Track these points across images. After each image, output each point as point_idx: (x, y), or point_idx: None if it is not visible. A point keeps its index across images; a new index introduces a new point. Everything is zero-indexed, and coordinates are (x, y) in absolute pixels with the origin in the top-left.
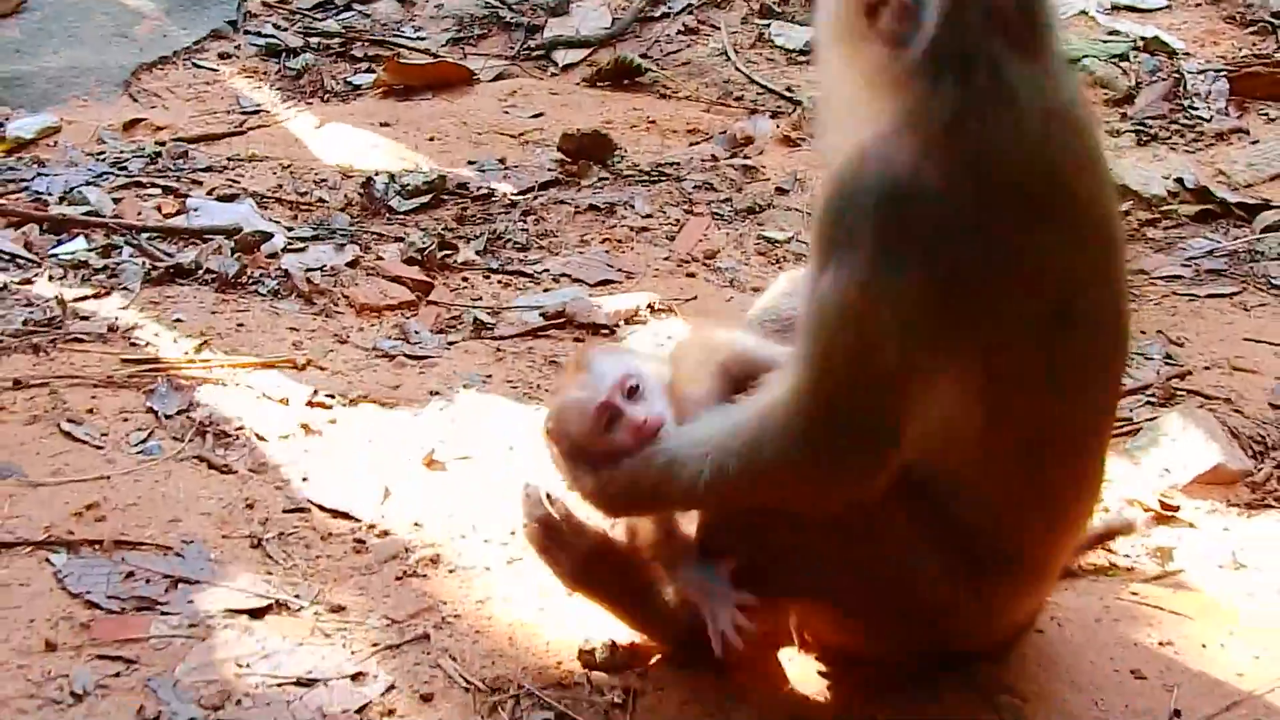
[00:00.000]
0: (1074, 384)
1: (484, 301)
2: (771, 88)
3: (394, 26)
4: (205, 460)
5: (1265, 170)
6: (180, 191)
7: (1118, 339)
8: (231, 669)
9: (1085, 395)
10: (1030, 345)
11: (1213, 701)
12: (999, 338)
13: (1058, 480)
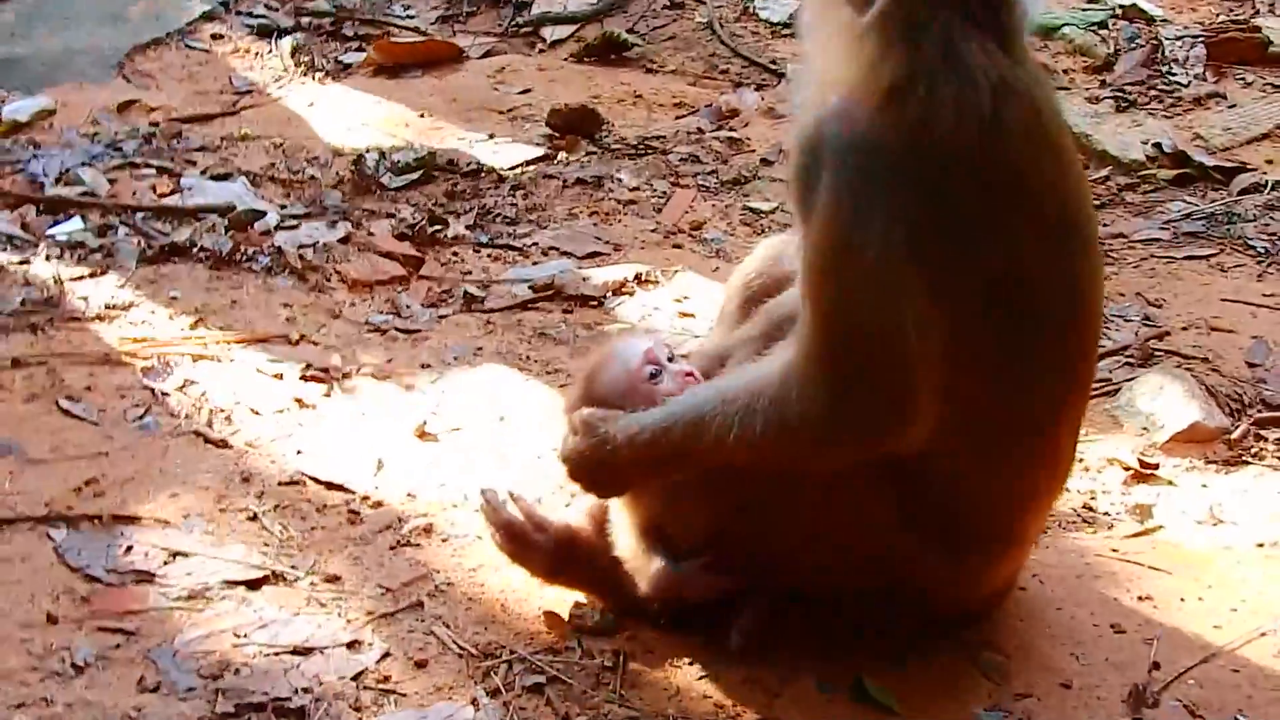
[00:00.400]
0: (1029, 361)
1: (474, 275)
2: (756, 60)
3: (384, 5)
4: (202, 435)
5: (1242, 134)
6: (174, 171)
7: (1080, 318)
8: (229, 639)
9: (1044, 373)
10: (978, 320)
11: (1191, 654)
12: (950, 306)
13: (1025, 454)
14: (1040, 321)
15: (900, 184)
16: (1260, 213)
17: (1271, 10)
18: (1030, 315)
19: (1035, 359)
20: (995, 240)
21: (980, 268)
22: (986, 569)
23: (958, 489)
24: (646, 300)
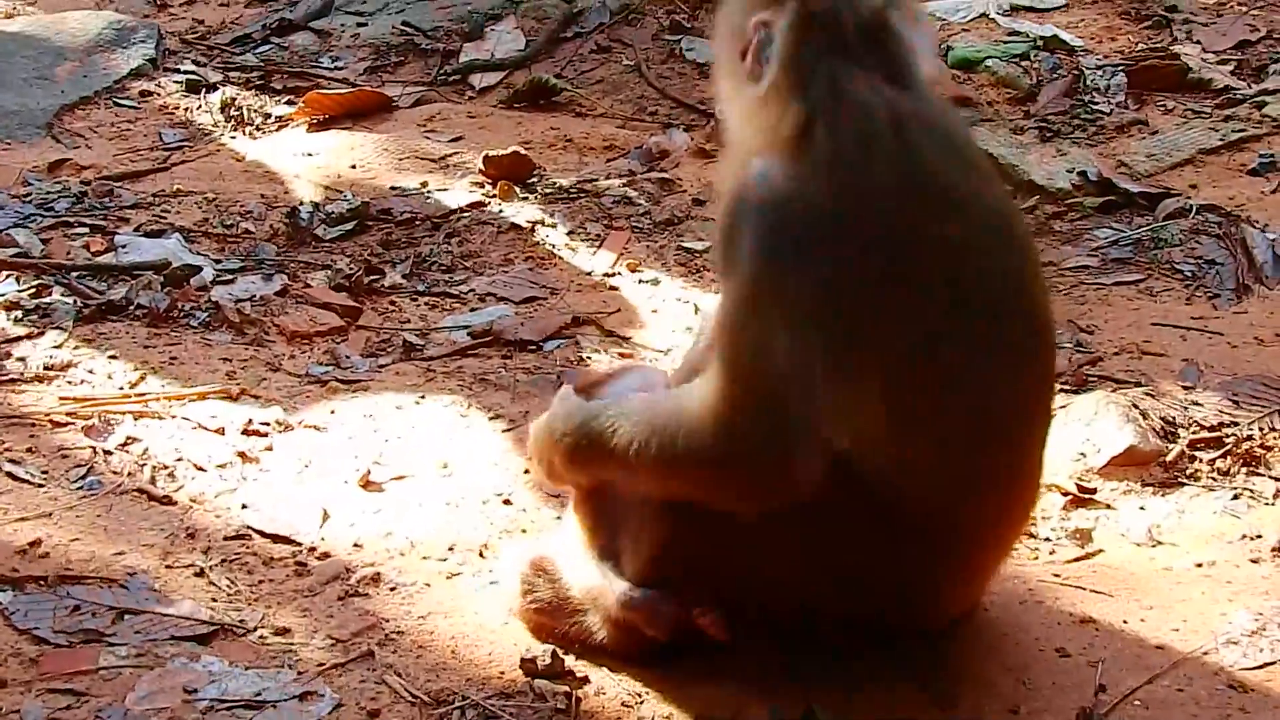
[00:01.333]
0: (973, 385)
1: (412, 324)
2: (685, 101)
3: (311, 58)
4: (145, 492)
5: (1165, 160)
6: (108, 229)
7: (1024, 340)
8: (180, 695)
9: (990, 396)
10: (917, 350)
11: (1136, 675)
12: (885, 342)
13: (977, 474)
14: (977, 351)
15: (813, 237)
16: (1186, 237)
17: (1189, 38)
18: (965, 343)
19: (982, 382)
20: (927, 271)
21: (914, 301)
22: (945, 584)
23: (913, 504)
24: (585, 343)
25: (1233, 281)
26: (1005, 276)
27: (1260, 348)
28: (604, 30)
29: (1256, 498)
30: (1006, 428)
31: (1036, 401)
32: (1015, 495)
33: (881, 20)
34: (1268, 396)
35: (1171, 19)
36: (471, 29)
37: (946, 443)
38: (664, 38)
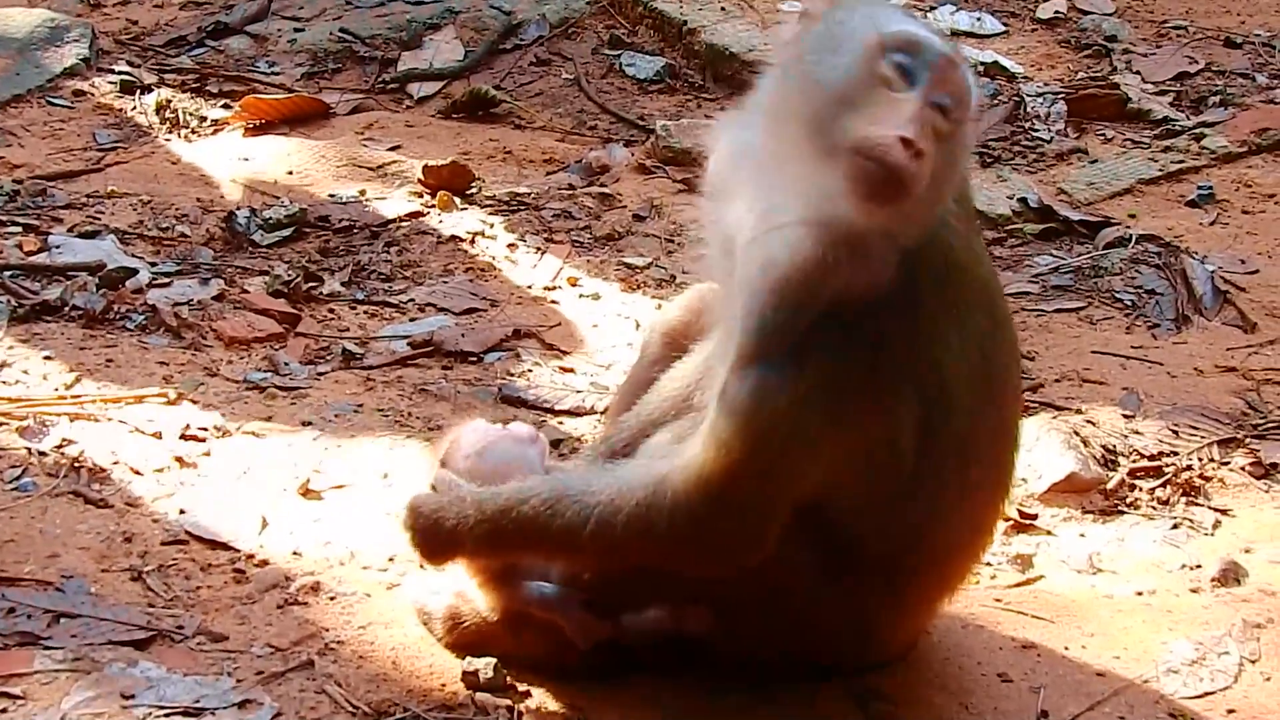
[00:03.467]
0: (944, 469)
1: (351, 332)
2: (624, 116)
3: (248, 62)
4: (81, 495)
5: (1105, 189)
6: (41, 229)
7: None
8: (118, 701)
9: (967, 460)
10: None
11: (1077, 701)
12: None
13: (935, 525)
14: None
15: (887, 337)
16: (1126, 266)
17: (1129, 68)
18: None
19: (965, 450)
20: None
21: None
22: (894, 624)
23: (872, 548)
24: (525, 356)
25: (1172, 311)
26: (1010, 357)
27: (1199, 378)
28: (543, 43)
29: (1196, 527)
30: (969, 490)
31: (1011, 452)
32: (962, 547)
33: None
34: (1207, 427)
35: (1111, 49)
36: (410, 38)
37: (908, 500)
38: (604, 52)
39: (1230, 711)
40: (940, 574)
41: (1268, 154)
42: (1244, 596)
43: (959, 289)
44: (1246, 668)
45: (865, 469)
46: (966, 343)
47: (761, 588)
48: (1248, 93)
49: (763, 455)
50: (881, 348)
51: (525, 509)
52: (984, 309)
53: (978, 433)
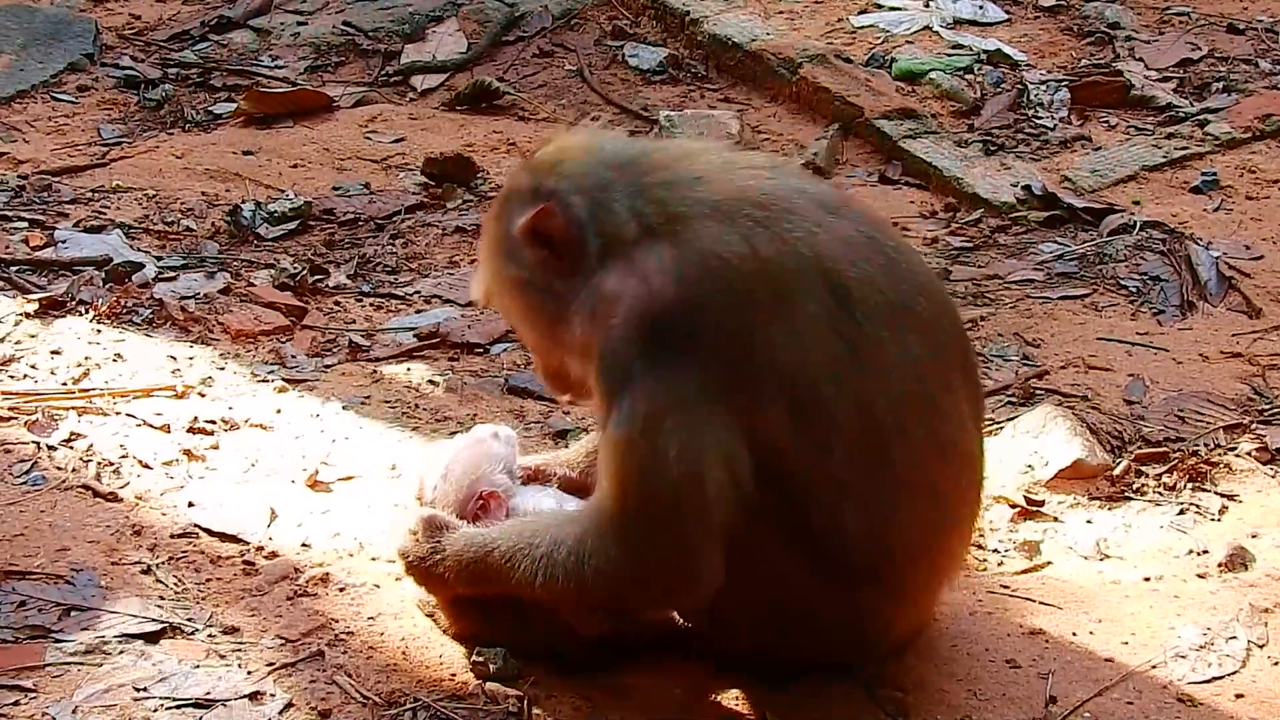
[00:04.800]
0: (879, 428)
1: (358, 324)
2: (628, 107)
3: (251, 56)
4: (90, 489)
5: (1109, 176)
6: (47, 224)
7: (908, 402)
8: (130, 693)
9: (900, 434)
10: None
11: (1085, 687)
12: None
13: (904, 513)
14: (859, 420)
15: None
16: (1130, 253)
17: (1131, 55)
18: (832, 415)
19: (881, 427)
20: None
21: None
22: (886, 620)
23: (850, 545)
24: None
25: (1177, 298)
26: (894, 331)
27: (1205, 364)
28: (546, 34)
29: (1203, 513)
30: (940, 460)
31: (957, 429)
32: (938, 528)
33: None
34: (1212, 413)
35: (1114, 36)
36: (413, 30)
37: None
38: (606, 43)
39: (1238, 696)
40: (924, 565)
41: (1271, 140)
42: (1251, 581)
43: (749, 294)
44: (1254, 652)
45: (766, 473)
46: (803, 332)
47: (758, 591)
48: (1251, 79)
49: (646, 484)
50: (704, 365)
51: (491, 560)
52: (813, 296)
53: (876, 414)
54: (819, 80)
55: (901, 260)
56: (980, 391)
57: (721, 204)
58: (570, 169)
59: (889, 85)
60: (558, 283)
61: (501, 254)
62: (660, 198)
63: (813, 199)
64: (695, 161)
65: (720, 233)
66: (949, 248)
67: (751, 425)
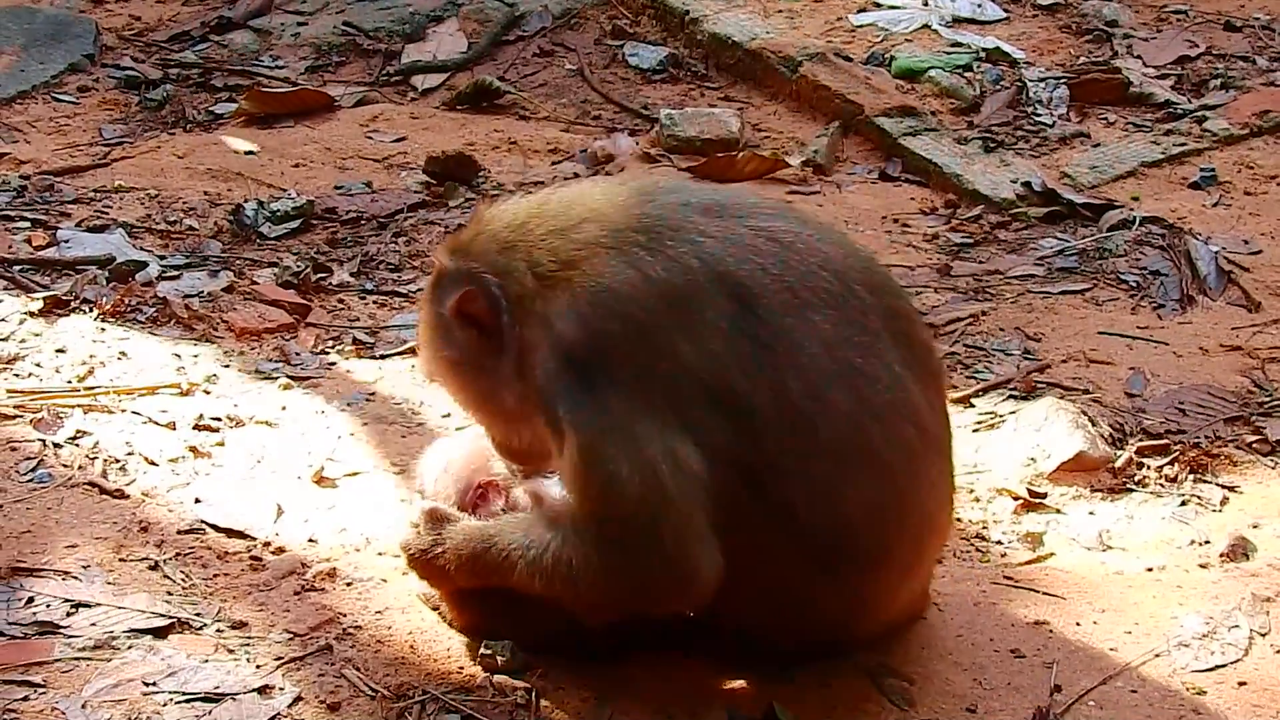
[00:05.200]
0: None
1: (361, 322)
2: (628, 106)
3: (252, 56)
4: (97, 486)
5: (1108, 172)
6: (49, 224)
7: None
8: (139, 688)
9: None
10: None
11: (1090, 676)
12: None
13: (875, 486)
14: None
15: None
16: (1130, 248)
17: (1129, 52)
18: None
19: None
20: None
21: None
22: (874, 596)
23: (810, 524)
24: None
25: (1177, 292)
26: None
27: (1205, 357)
28: (546, 34)
29: (1204, 504)
30: (888, 451)
31: (917, 388)
32: (913, 502)
33: None
34: (1213, 405)
35: (1112, 33)
36: (413, 30)
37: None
38: (606, 42)
39: (1241, 684)
40: (896, 532)
41: (1269, 136)
42: (1253, 571)
43: (647, 316)
44: (1257, 641)
45: (718, 468)
46: (707, 338)
47: (742, 579)
48: (1248, 75)
49: (611, 506)
50: (623, 390)
51: (489, 557)
52: (709, 303)
53: (793, 396)
54: (819, 78)
55: (799, 243)
56: (924, 348)
57: (607, 239)
58: (481, 246)
59: (889, 83)
60: (488, 360)
61: (437, 337)
62: (554, 246)
63: (697, 208)
64: (583, 203)
65: (608, 267)
66: (949, 244)
67: (691, 430)
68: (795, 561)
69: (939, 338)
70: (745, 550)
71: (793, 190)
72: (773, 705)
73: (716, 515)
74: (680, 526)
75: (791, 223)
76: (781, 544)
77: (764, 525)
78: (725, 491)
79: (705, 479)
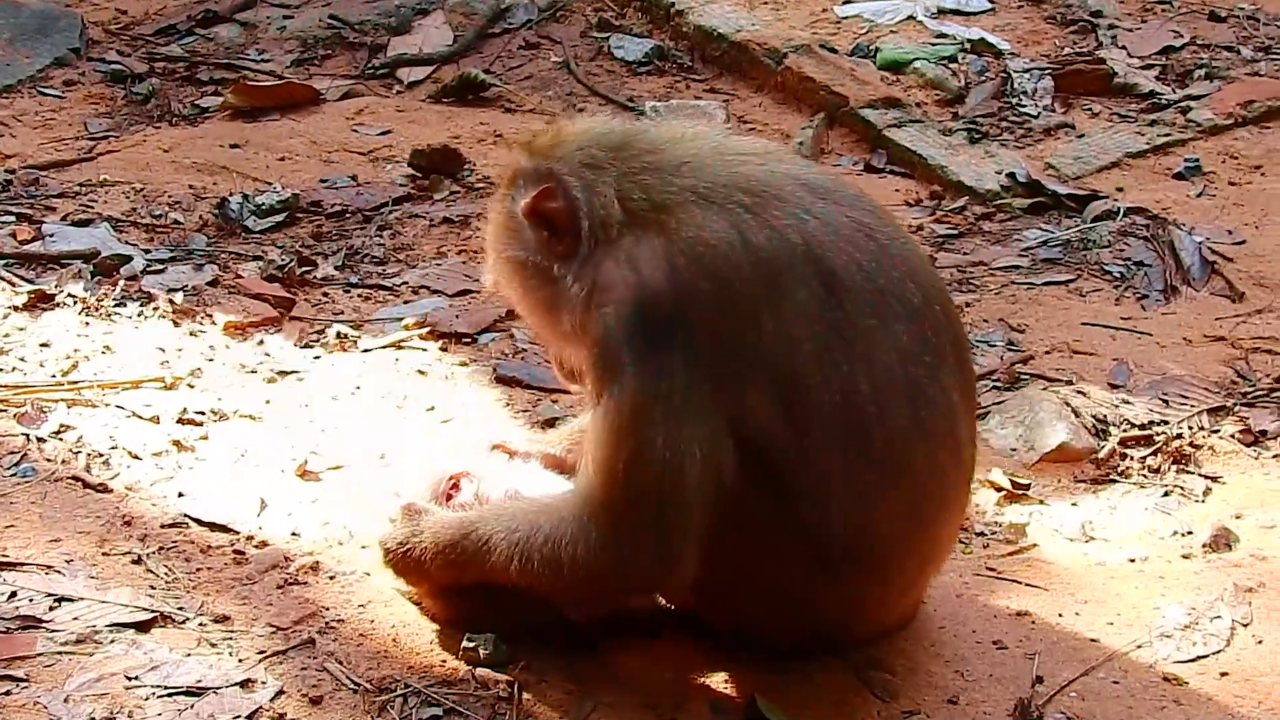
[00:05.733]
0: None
1: (346, 315)
2: (614, 99)
3: (237, 50)
4: (80, 480)
5: (1092, 163)
6: (35, 218)
7: (894, 384)
8: (121, 682)
9: (867, 426)
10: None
11: (1072, 667)
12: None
13: (886, 498)
14: (840, 399)
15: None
16: (1114, 239)
17: (1114, 43)
18: (816, 399)
19: (848, 436)
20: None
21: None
22: (875, 602)
23: (835, 531)
24: (519, 336)
25: (1161, 283)
26: (883, 319)
27: (1188, 348)
28: (532, 27)
29: (1187, 495)
30: (925, 445)
31: (965, 421)
32: (919, 513)
33: None
34: (1196, 396)
35: (1096, 24)
36: (399, 23)
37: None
38: (592, 35)
39: (1223, 674)
40: (909, 552)
41: (1253, 126)
42: (1235, 561)
43: (738, 283)
44: (1238, 631)
45: (753, 459)
46: (791, 320)
47: (749, 574)
48: (1233, 66)
49: (631, 473)
50: (693, 355)
51: (467, 543)
52: (802, 283)
53: (859, 401)
54: (804, 70)
55: (893, 247)
56: (973, 380)
57: (710, 191)
58: (566, 151)
59: (874, 75)
60: (558, 266)
61: (505, 236)
62: (648, 184)
63: (804, 185)
64: (684, 146)
65: (709, 221)
66: (934, 235)
67: (738, 413)
68: (799, 562)
69: None
70: (746, 548)
71: None
72: (754, 697)
73: (740, 507)
74: (682, 516)
75: (885, 224)
76: (785, 543)
77: (769, 524)
78: (759, 484)
79: (728, 478)
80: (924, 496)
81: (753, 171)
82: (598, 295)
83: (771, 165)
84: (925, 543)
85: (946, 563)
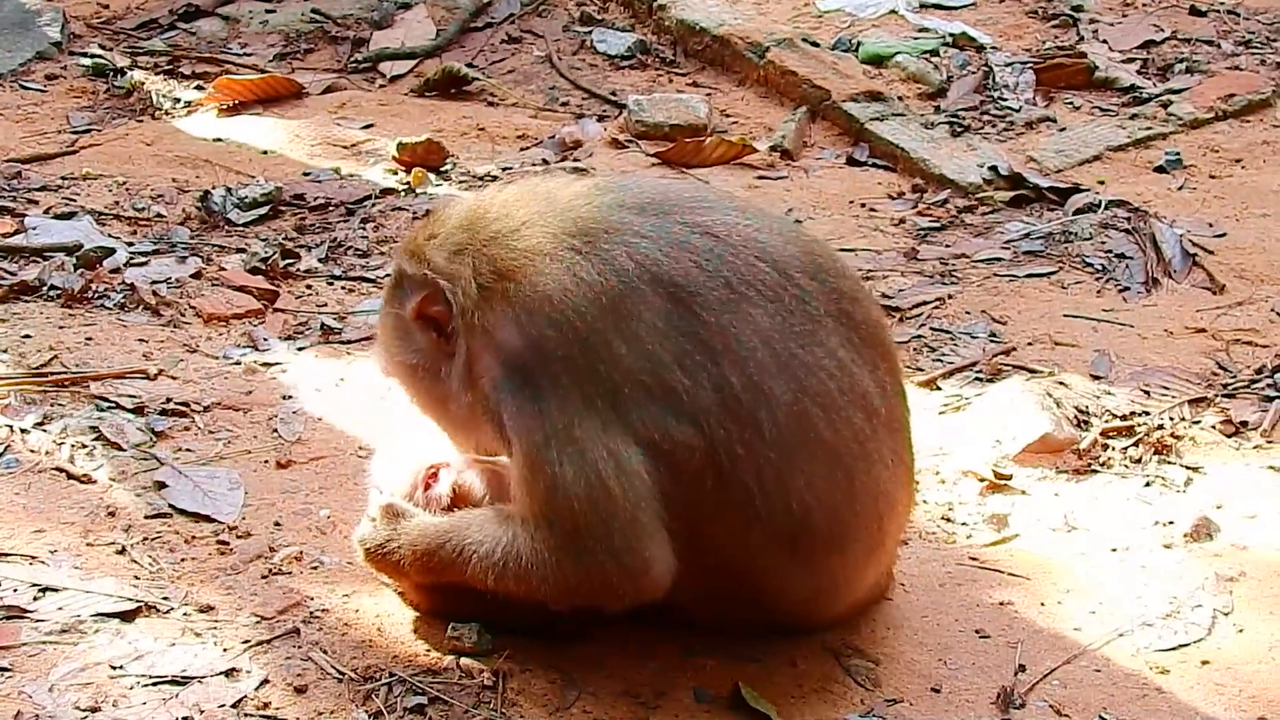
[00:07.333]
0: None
1: (329, 307)
2: (596, 92)
3: (220, 44)
4: (64, 471)
5: (1074, 156)
6: (17, 211)
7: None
8: (105, 671)
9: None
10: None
11: (1054, 656)
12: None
13: (830, 470)
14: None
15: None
16: (1096, 231)
17: (1095, 37)
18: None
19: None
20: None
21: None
22: (838, 579)
23: (767, 510)
24: None
25: (1142, 275)
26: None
27: (1169, 339)
28: (514, 21)
29: (1168, 485)
30: (840, 434)
31: (863, 371)
32: (882, 475)
33: None
34: (1177, 387)
35: (1078, 18)
36: (382, 17)
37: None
38: (574, 29)
39: (1204, 663)
40: (854, 514)
41: (1234, 119)
42: (1216, 551)
43: (583, 321)
44: (1219, 620)
45: (677, 461)
46: (644, 338)
47: (728, 563)
48: (1213, 60)
49: (558, 508)
50: (563, 394)
51: (443, 554)
52: (645, 303)
53: (735, 391)
54: (786, 64)
55: (733, 235)
56: (875, 328)
57: (543, 244)
58: (436, 246)
59: (856, 68)
60: (443, 365)
61: (397, 339)
62: (494, 255)
63: (632, 209)
64: (521, 209)
65: (544, 273)
66: (916, 228)
67: (636, 428)
68: (761, 546)
69: (905, 321)
70: (713, 537)
71: (760, 175)
72: (738, 685)
73: (679, 506)
74: (628, 525)
75: (729, 214)
76: (745, 529)
77: (729, 513)
78: (686, 483)
79: (651, 478)
80: (842, 458)
81: (580, 214)
82: (472, 371)
83: (598, 201)
84: (869, 501)
85: (929, 552)
